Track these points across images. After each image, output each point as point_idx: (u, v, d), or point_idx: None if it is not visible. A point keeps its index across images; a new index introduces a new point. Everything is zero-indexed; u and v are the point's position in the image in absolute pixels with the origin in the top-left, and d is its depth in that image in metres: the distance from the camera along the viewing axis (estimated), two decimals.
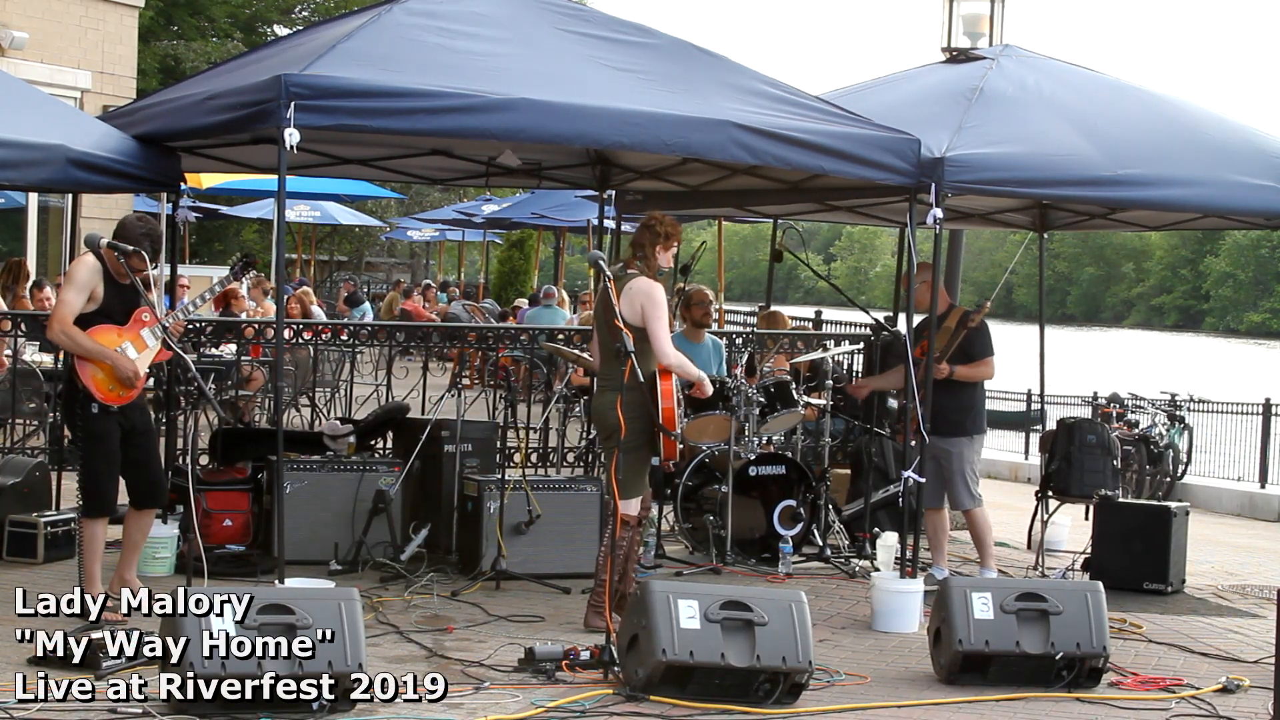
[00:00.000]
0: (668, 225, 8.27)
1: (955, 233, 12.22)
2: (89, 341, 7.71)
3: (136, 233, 7.84)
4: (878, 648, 8.25)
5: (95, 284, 7.73)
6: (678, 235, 8.32)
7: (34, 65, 17.02)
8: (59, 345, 7.84)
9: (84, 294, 7.72)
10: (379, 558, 9.36)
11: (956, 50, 10.83)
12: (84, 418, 7.77)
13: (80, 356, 7.74)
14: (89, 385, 7.72)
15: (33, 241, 18.55)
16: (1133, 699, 7.37)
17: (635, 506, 8.09)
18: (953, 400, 9.53)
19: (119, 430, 7.86)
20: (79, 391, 7.76)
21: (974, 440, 9.77)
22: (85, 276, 7.71)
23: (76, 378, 7.76)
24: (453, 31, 8.23)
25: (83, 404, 7.75)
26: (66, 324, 7.68)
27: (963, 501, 9.73)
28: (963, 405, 9.66)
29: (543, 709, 6.59)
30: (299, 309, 17.02)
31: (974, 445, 9.77)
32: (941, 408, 9.40)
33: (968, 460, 9.66)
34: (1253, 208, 9.78)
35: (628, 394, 7.84)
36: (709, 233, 27.89)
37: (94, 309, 7.75)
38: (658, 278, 8.22)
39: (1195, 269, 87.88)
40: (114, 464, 7.88)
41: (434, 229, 35.56)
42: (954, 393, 9.55)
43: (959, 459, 9.62)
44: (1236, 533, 15.51)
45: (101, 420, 7.78)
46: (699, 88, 8.45)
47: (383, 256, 49.35)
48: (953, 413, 9.53)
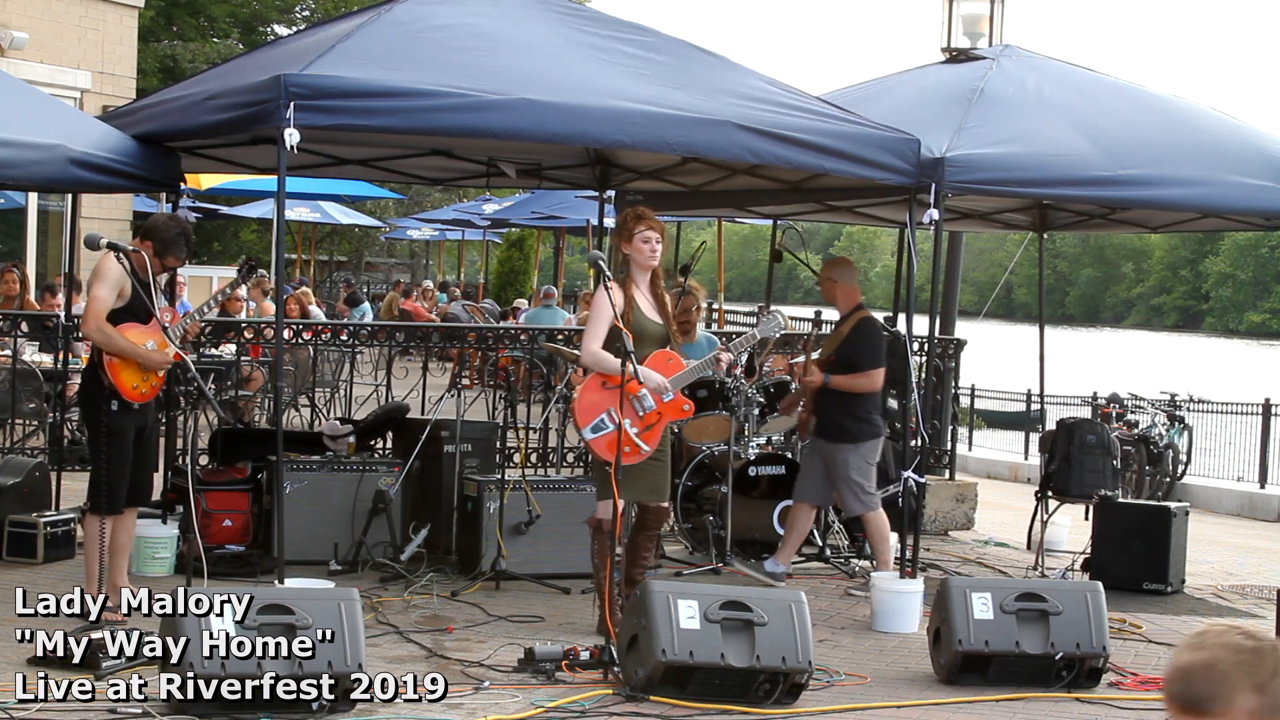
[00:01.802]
0: (623, 217, 8.02)
1: (955, 233, 12.23)
2: (122, 339, 7.76)
3: (170, 233, 7.92)
4: (878, 648, 8.25)
5: (124, 282, 7.77)
6: (637, 223, 7.89)
7: (34, 65, 17.01)
8: (94, 342, 7.89)
9: (115, 291, 7.77)
10: (379, 558, 9.36)
11: (956, 50, 10.84)
12: (106, 414, 7.81)
13: (111, 353, 7.78)
14: (116, 383, 7.77)
15: (33, 241, 18.55)
16: (1133, 699, 7.37)
17: (605, 510, 7.78)
18: (839, 405, 9.28)
19: (134, 429, 7.92)
20: (104, 388, 7.79)
21: (861, 447, 9.27)
22: (116, 274, 7.74)
23: (103, 374, 7.80)
24: (452, 31, 8.23)
25: (106, 400, 7.79)
26: (101, 321, 7.74)
27: (851, 508, 9.45)
28: (849, 411, 9.28)
29: (543, 709, 6.59)
30: (298, 309, 17.02)
31: (861, 451, 9.27)
32: (828, 412, 9.30)
33: (854, 467, 9.24)
34: (1253, 208, 9.78)
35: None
36: (709, 233, 27.90)
37: (121, 305, 7.80)
38: (629, 275, 7.88)
39: (1195, 269, 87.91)
40: (127, 462, 7.94)
41: (434, 229, 35.56)
42: (837, 398, 9.29)
43: (844, 465, 9.24)
44: (1236, 533, 15.51)
45: (121, 418, 7.83)
46: (699, 87, 8.44)
47: (382, 257, 49.35)
48: (839, 418, 9.28)
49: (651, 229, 7.87)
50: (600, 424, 7.69)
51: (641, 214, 7.96)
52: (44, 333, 12.35)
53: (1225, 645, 2.58)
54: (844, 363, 9.31)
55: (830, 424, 9.31)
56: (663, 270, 8.16)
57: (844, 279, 9.55)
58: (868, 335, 9.37)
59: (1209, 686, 2.52)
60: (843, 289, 9.48)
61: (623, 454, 7.56)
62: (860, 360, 9.28)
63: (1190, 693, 2.53)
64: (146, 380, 7.88)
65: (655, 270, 7.99)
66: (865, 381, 9.26)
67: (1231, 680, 2.51)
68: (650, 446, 7.78)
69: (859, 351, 9.29)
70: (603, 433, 7.68)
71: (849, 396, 9.26)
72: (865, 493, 9.31)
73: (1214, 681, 2.52)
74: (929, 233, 8.95)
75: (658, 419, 7.78)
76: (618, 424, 7.58)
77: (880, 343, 9.42)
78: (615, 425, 7.60)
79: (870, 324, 9.48)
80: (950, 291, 13.88)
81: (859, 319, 9.35)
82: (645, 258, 7.87)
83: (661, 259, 8.03)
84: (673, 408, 7.84)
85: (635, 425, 7.71)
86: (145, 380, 7.87)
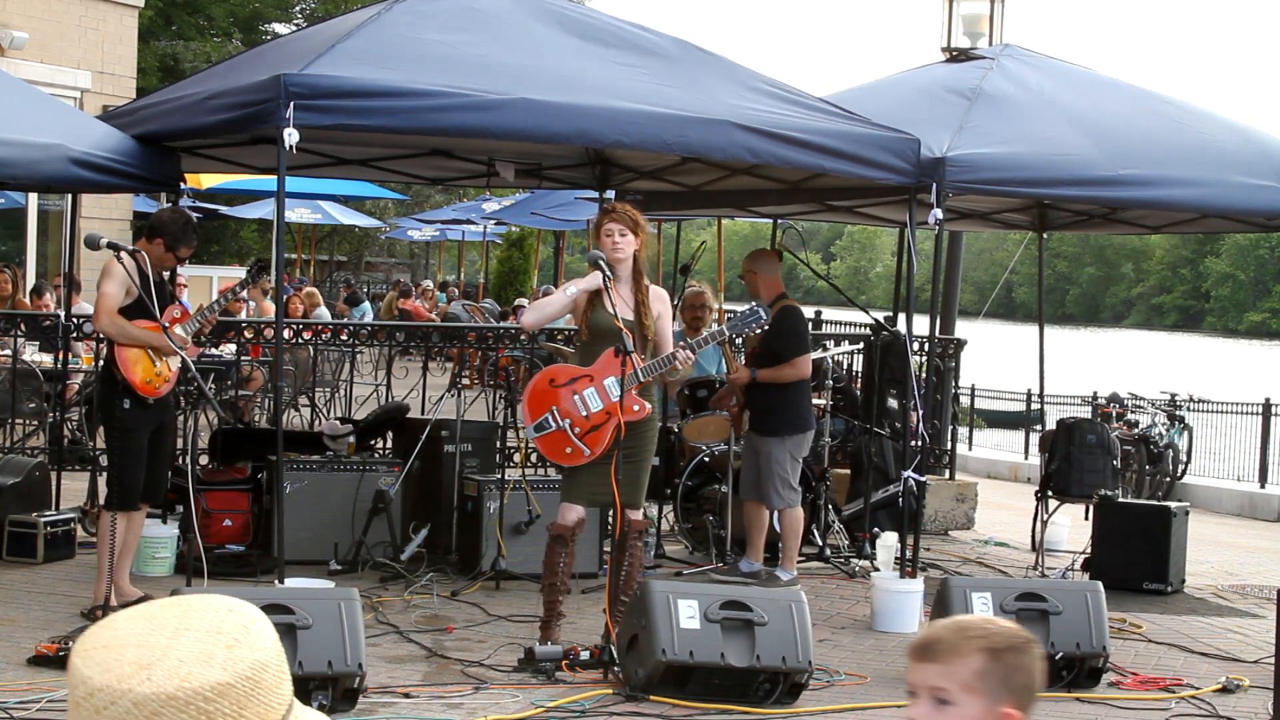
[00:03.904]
0: (597, 219, 7.78)
1: (955, 233, 12.23)
2: (135, 329, 7.82)
3: (178, 224, 8.03)
4: (878, 648, 8.25)
5: (129, 281, 7.80)
6: (603, 217, 7.62)
7: (34, 65, 17.01)
8: (106, 334, 7.95)
9: (123, 288, 7.83)
10: (379, 558, 9.36)
11: (956, 50, 10.84)
12: (119, 411, 7.83)
13: (121, 347, 7.83)
14: (129, 378, 7.80)
15: (33, 241, 18.55)
16: (1133, 699, 7.37)
17: (566, 514, 7.53)
18: (769, 399, 9.32)
19: (149, 426, 7.95)
20: (118, 384, 7.84)
21: (786, 441, 9.31)
22: (121, 272, 7.77)
23: (115, 370, 7.85)
24: (452, 31, 8.23)
25: (120, 398, 7.83)
26: (113, 314, 7.81)
27: (771, 501, 9.41)
28: (775, 404, 9.32)
29: (542, 709, 6.59)
30: (302, 309, 17.01)
31: (786, 446, 9.31)
32: (758, 406, 9.34)
33: (778, 460, 9.26)
34: (1253, 208, 9.77)
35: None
36: (709, 233, 27.88)
37: (130, 303, 7.85)
38: (599, 270, 7.50)
39: (1195, 269, 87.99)
40: (142, 459, 7.98)
41: (434, 229, 35.56)
42: (765, 391, 9.32)
43: (768, 459, 9.27)
44: (1236, 533, 15.51)
45: (136, 415, 7.87)
46: (699, 87, 8.44)
47: (382, 257, 49.36)
48: (768, 411, 9.34)
49: (614, 220, 7.55)
50: (544, 423, 7.45)
51: (609, 208, 7.74)
52: (42, 333, 12.35)
53: (982, 621, 2.65)
54: (769, 354, 9.36)
55: (759, 418, 9.37)
56: (646, 266, 7.73)
57: (765, 270, 9.58)
58: (790, 324, 9.42)
59: (947, 636, 2.58)
60: (764, 280, 9.52)
61: (565, 455, 7.43)
62: (785, 349, 9.34)
63: (929, 638, 2.59)
64: (160, 374, 7.93)
65: (637, 266, 7.62)
66: (791, 370, 9.30)
67: (971, 637, 2.56)
68: (592, 449, 7.37)
69: (783, 341, 9.34)
70: (546, 431, 7.45)
71: (778, 389, 9.31)
72: (788, 488, 9.34)
73: (954, 633, 2.58)
74: (929, 232, 8.96)
75: (605, 419, 7.38)
76: (558, 425, 7.39)
77: (804, 329, 9.50)
78: (558, 425, 7.41)
79: (792, 312, 9.51)
80: (950, 291, 13.88)
81: (780, 308, 9.32)
82: (609, 251, 7.52)
83: (645, 255, 7.69)
84: (624, 409, 7.40)
85: (578, 426, 7.40)
86: (158, 374, 7.92)
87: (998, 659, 2.56)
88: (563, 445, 7.42)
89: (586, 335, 7.51)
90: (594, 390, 7.42)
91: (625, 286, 7.60)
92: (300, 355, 13.81)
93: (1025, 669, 2.59)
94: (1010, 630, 2.62)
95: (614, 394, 7.37)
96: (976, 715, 2.54)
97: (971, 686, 2.54)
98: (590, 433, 7.40)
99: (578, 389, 7.44)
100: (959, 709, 2.54)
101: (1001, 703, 2.55)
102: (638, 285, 7.62)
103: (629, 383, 7.34)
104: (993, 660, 2.55)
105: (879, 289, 71.81)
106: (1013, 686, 2.57)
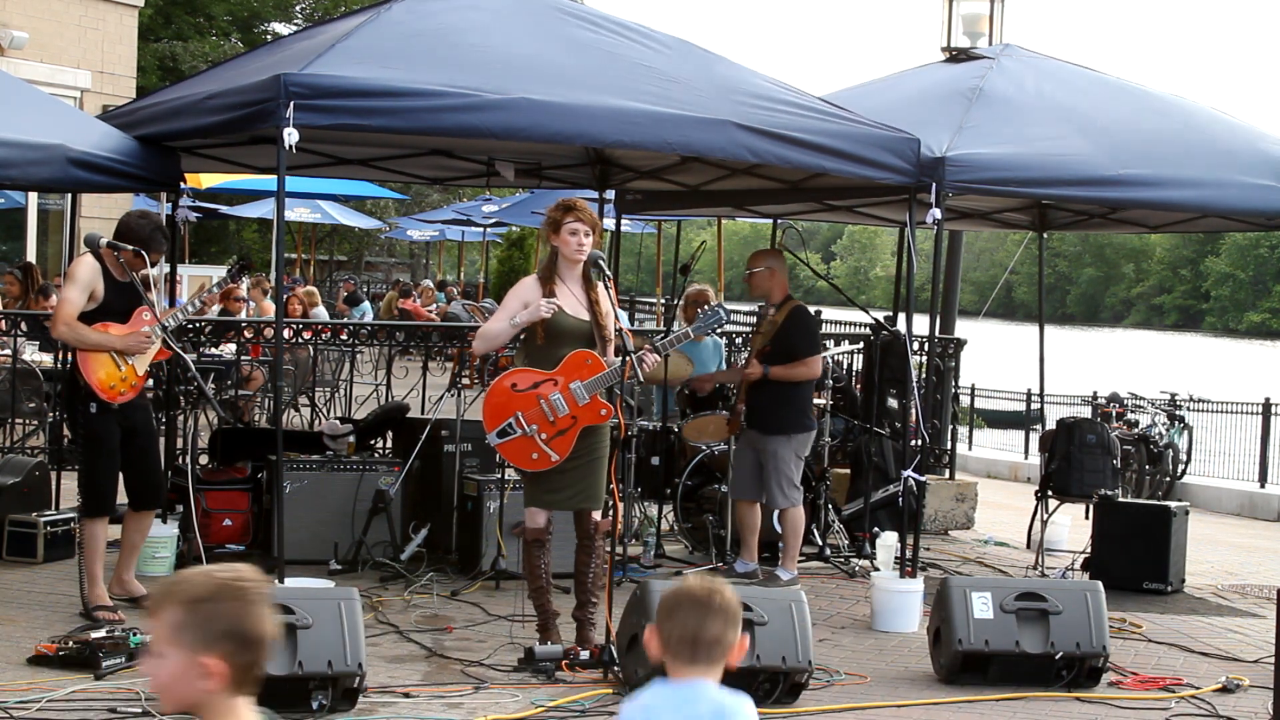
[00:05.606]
0: (553, 207, 7.61)
1: (955, 233, 12.23)
2: (93, 334, 7.75)
3: (145, 230, 7.91)
4: (878, 647, 8.25)
5: (95, 283, 7.77)
6: (565, 215, 7.43)
7: (34, 65, 17.02)
8: (64, 341, 7.89)
9: (85, 292, 7.76)
10: (379, 557, 9.36)
11: (956, 50, 10.83)
12: (85, 417, 7.78)
13: (84, 351, 7.77)
14: (91, 383, 7.73)
15: (33, 241, 18.56)
16: (1132, 699, 7.37)
17: (535, 518, 7.47)
18: (776, 396, 9.34)
19: (119, 430, 7.86)
20: (80, 390, 7.76)
21: (793, 439, 9.34)
22: (86, 275, 7.75)
23: (79, 375, 7.77)
24: (452, 31, 8.23)
25: (84, 403, 7.76)
26: (70, 319, 7.73)
27: (775, 501, 9.41)
28: (780, 402, 9.34)
29: (542, 709, 6.59)
30: (300, 309, 16.99)
31: (793, 444, 9.34)
32: (760, 404, 9.34)
33: (784, 458, 9.29)
34: (1253, 208, 9.77)
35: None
36: (709, 232, 27.91)
37: (94, 308, 7.78)
38: (555, 270, 7.49)
39: (1195, 269, 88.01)
40: (114, 464, 7.88)
41: (434, 229, 35.55)
42: (772, 388, 9.35)
43: (774, 457, 9.29)
44: (1236, 533, 15.51)
45: (102, 420, 7.78)
46: (699, 87, 8.44)
47: (382, 256, 49.36)
48: (775, 409, 9.34)
49: (580, 221, 7.40)
50: (508, 428, 7.33)
51: (570, 205, 7.50)
52: (43, 332, 12.35)
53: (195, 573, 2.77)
54: (782, 352, 9.38)
55: (765, 416, 9.37)
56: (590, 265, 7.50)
57: (782, 269, 9.67)
58: (805, 323, 9.49)
59: (155, 592, 2.79)
60: (779, 279, 9.56)
61: (531, 460, 7.34)
62: (798, 348, 9.38)
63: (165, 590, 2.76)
64: (124, 379, 7.82)
65: (587, 267, 7.48)
66: (804, 369, 9.37)
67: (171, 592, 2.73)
68: (559, 454, 7.29)
69: (797, 340, 9.39)
70: (510, 437, 7.35)
71: (785, 387, 9.34)
72: (792, 487, 9.37)
73: (160, 588, 2.76)
74: (929, 232, 8.95)
75: (571, 423, 7.30)
76: (524, 430, 7.29)
77: (816, 330, 9.57)
78: (524, 431, 7.31)
79: (804, 312, 9.61)
80: (950, 291, 13.88)
81: (792, 308, 9.45)
82: (572, 251, 7.41)
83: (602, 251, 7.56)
84: (589, 412, 7.32)
85: (544, 431, 7.30)
86: (123, 379, 7.81)
87: (193, 610, 2.67)
88: (529, 450, 7.33)
89: (543, 338, 7.38)
90: (559, 395, 7.34)
91: (576, 286, 7.52)
92: (300, 355, 13.81)
93: (224, 616, 2.69)
94: (210, 579, 2.72)
95: (581, 398, 7.32)
96: (178, 667, 2.67)
97: (169, 639, 2.68)
98: (556, 437, 7.33)
99: (543, 393, 7.33)
100: (165, 661, 2.68)
101: (200, 653, 2.66)
102: (588, 285, 7.54)
103: (599, 385, 7.31)
104: (188, 612, 2.67)
105: (879, 289, 71.79)
106: (213, 635, 2.67)
